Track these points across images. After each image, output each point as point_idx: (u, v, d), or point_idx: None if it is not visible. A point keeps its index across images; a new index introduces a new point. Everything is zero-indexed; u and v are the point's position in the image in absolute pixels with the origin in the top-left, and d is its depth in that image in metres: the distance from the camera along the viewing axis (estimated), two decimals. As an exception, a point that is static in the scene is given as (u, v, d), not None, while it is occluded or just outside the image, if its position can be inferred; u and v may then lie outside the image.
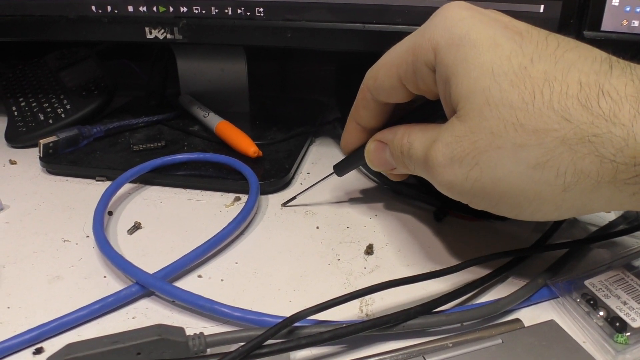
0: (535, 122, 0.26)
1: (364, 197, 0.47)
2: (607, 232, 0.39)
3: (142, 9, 0.50)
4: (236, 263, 0.38)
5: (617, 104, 0.25)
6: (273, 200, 0.47)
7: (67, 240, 0.41)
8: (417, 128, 0.33)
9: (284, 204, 0.45)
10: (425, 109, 0.36)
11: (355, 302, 0.33)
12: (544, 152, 0.26)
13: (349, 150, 0.41)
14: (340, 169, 0.44)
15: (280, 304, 0.34)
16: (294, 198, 0.45)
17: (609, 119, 0.25)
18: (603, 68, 0.26)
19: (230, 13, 0.49)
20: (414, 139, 0.33)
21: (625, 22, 0.41)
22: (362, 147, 0.39)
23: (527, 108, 0.26)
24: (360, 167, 0.48)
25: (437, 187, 0.31)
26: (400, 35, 0.45)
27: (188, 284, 0.36)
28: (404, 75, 0.32)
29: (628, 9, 0.40)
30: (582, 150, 0.25)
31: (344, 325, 0.29)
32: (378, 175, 0.49)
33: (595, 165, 0.25)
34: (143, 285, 0.34)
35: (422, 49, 0.30)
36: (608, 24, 0.41)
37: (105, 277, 0.37)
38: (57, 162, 0.52)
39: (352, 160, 0.42)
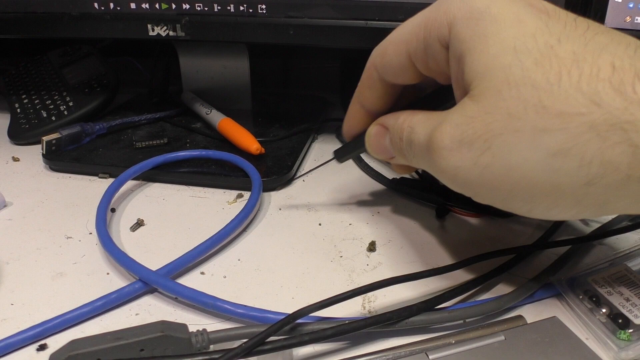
0: (561, 104, 0.23)
1: (366, 194, 0.47)
2: (610, 229, 0.39)
3: (145, 5, 0.50)
4: (239, 260, 0.38)
5: None
6: (276, 197, 0.47)
7: (70, 237, 0.41)
8: (421, 113, 0.30)
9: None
10: (435, 96, 0.33)
11: (358, 299, 0.34)
12: (567, 137, 0.23)
13: (351, 134, 0.39)
14: (341, 154, 0.42)
15: (283, 301, 0.34)
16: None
17: None
18: (638, 53, 0.24)
19: (232, 10, 0.49)
20: (416, 123, 0.30)
21: (628, 19, 0.41)
22: (364, 132, 0.36)
23: (551, 89, 0.23)
24: (363, 170, 0.47)
25: (439, 176, 0.28)
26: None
27: (191, 280, 0.36)
28: (414, 53, 0.30)
29: (631, 5, 0.40)
30: (612, 138, 0.23)
31: (347, 321, 0.29)
32: (380, 175, 0.49)
33: (627, 156, 0.23)
34: (146, 282, 0.34)
35: (435, 23, 0.28)
36: (611, 20, 0.41)
37: (108, 273, 0.37)
38: (60, 159, 0.52)
39: (353, 146, 0.39)
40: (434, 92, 0.34)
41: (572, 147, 0.23)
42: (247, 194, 0.46)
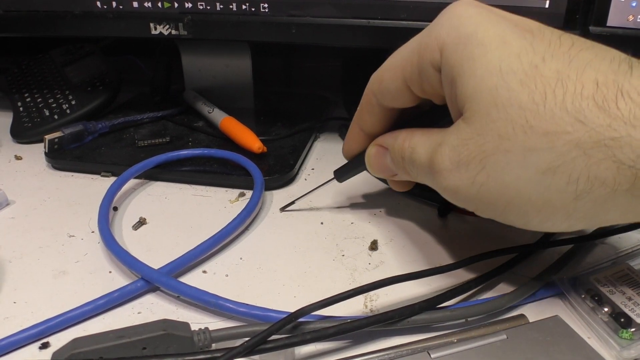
0: (547, 124, 0.24)
1: (369, 193, 0.47)
2: (612, 228, 0.39)
3: (147, 4, 0.50)
4: (241, 259, 0.38)
5: (638, 105, 0.23)
6: (277, 196, 0.47)
7: (73, 236, 0.41)
8: (419, 132, 0.31)
9: (282, 209, 0.44)
10: (432, 114, 0.34)
11: (360, 298, 0.34)
12: (555, 156, 0.24)
13: (351, 155, 0.40)
14: (341, 174, 0.43)
15: (285, 300, 0.34)
16: (292, 203, 0.44)
17: (628, 122, 0.23)
18: (622, 68, 0.24)
19: (234, 9, 0.49)
20: (416, 143, 0.31)
21: (631, 18, 0.41)
22: (364, 152, 0.37)
23: (537, 109, 0.24)
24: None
25: (442, 193, 0.30)
26: (404, 31, 0.45)
27: (193, 279, 0.36)
28: (410, 77, 0.31)
29: (634, 4, 0.40)
30: (597, 155, 0.24)
31: (349, 320, 0.29)
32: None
33: (612, 171, 0.24)
34: (148, 281, 0.34)
35: (427, 48, 0.29)
36: (614, 19, 0.41)
37: (110, 272, 0.37)
38: (63, 157, 0.52)
39: (353, 166, 0.40)
40: (430, 110, 0.34)
41: (560, 165, 0.24)
42: (249, 193, 0.46)
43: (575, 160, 0.24)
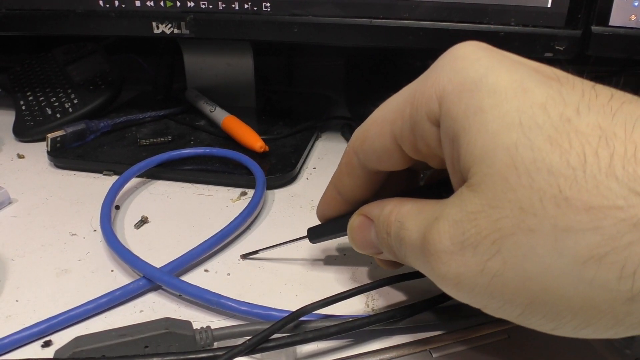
0: (589, 195, 0.18)
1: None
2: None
3: (150, 3, 0.50)
4: (242, 258, 0.38)
5: None
6: (279, 195, 0.47)
7: (75, 234, 0.41)
8: (410, 203, 0.25)
9: (244, 256, 0.38)
10: (433, 189, 0.28)
11: (362, 297, 0.34)
12: (601, 240, 0.18)
13: (325, 219, 0.34)
14: (315, 235, 0.36)
15: (287, 299, 0.34)
16: (256, 252, 0.38)
17: None
18: None
19: (237, 8, 0.49)
20: (405, 216, 0.25)
21: (633, 17, 0.41)
22: (342, 217, 0.32)
23: (574, 175, 0.18)
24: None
25: (439, 283, 0.23)
26: (406, 31, 0.46)
27: (195, 278, 0.36)
28: (400, 134, 0.25)
29: (636, 3, 0.40)
30: None
31: (350, 319, 0.29)
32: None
33: None
34: (150, 279, 0.34)
35: (423, 97, 0.23)
36: (616, 19, 0.41)
37: (112, 270, 0.37)
38: (65, 156, 0.52)
39: (328, 230, 0.35)
40: (431, 184, 0.30)
41: (609, 252, 0.18)
42: (250, 192, 0.46)
43: (630, 246, 0.17)
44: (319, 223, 0.35)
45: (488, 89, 0.21)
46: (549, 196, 0.19)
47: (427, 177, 0.33)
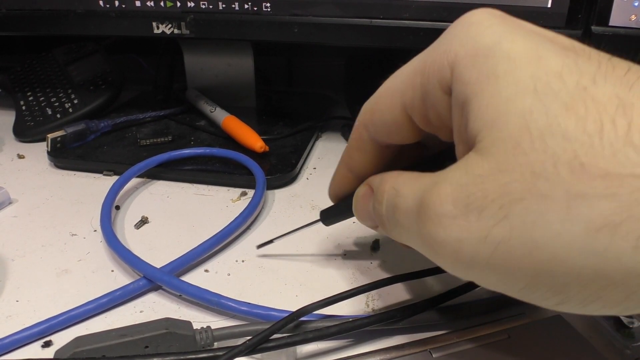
0: (606, 162, 0.17)
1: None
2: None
3: (150, 3, 0.50)
4: (242, 258, 0.38)
5: None
6: (279, 195, 0.47)
7: (75, 235, 0.41)
8: (409, 173, 0.24)
9: (259, 246, 0.38)
10: (440, 159, 0.26)
11: (362, 297, 0.34)
12: (616, 208, 0.17)
13: (337, 198, 0.34)
14: (327, 216, 0.36)
15: (287, 299, 0.34)
16: (271, 241, 0.38)
17: None
18: None
19: (237, 8, 0.49)
20: (401, 184, 0.24)
21: (633, 17, 0.41)
22: (352, 195, 0.31)
23: (590, 141, 0.18)
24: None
25: (435, 253, 0.21)
26: (406, 31, 0.46)
27: (195, 278, 0.36)
28: (410, 104, 0.24)
29: (637, 4, 0.40)
30: None
31: (350, 319, 0.29)
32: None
33: None
34: (150, 280, 0.34)
35: (434, 65, 0.23)
36: (616, 19, 0.41)
37: (112, 271, 0.37)
38: (65, 156, 0.52)
39: (341, 210, 0.34)
40: (438, 154, 0.29)
41: (624, 220, 0.17)
42: (251, 192, 0.46)
43: None
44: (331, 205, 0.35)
45: (502, 55, 0.20)
46: (563, 161, 0.18)
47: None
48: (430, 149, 0.30)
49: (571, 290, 0.18)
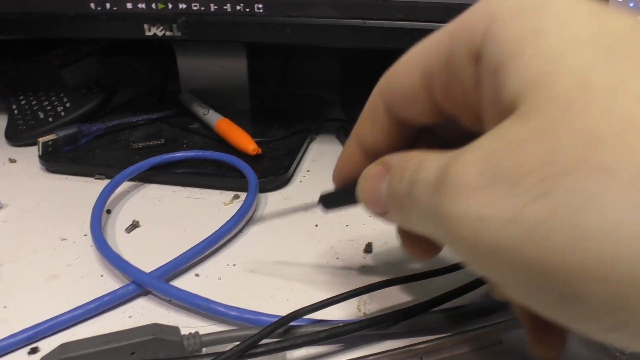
0: None
1: (364, 195, 0.47)
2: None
3: (141, 5, 0.50)
4: (234, 262, 0.38)
5: None
6: (272, 198, 0.46)
7: (65, 239, 0.41)
8: (436, 151, 0.20)
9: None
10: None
11: (353, 301, 0.33)
12: None
13: (342, 180, 0.29)
14: (328, 201, 0.32)
15: (278, 303, 0.34)
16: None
17: None
18: None
19: (229, 9, 0.48)
20: (427, 160, 0.19)
21: (628, 17, 0.40)
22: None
23: None
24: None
25: (449, 236, 0.17)
26: (400, 32, 0.45)
27: (185, 282, 0.36)
28: (431, 70, 0.21)
29: (632, 4, 0.40)
30: None
31: (341, 324, 0.29)
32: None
33: None
34: (139, 284, 0.34)
35: (464, 28, 0.19)
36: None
37: (102, 275, 0.36)
38: (57, 160, 0.51)
39: (344, 195, 0.29)
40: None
41: None
42: (243, 195, 0.46)
43: None
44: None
45: (552, 11, 0.17)
46: (636, 126, 0.14)
47: None
48: (448, 143, 0.27)
49: (631, 308, 0.13)
